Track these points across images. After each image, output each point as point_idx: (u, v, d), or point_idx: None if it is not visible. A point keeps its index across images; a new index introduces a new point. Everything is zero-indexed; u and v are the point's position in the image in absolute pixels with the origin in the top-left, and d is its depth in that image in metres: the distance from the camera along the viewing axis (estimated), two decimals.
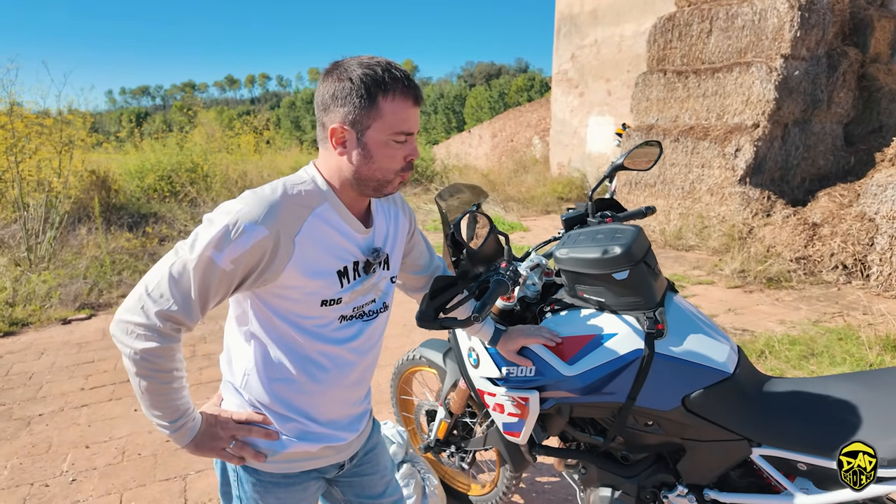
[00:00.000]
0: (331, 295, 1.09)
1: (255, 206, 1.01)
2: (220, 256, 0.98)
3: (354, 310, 1.15)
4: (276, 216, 1.01)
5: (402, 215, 1.30)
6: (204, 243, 0.98)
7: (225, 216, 0.99)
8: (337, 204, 1.10)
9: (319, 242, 1.07)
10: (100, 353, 3.81)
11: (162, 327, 0.98)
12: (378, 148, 1.04)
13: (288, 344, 1.11)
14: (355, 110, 1.02)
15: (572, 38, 11.46)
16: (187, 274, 0.98)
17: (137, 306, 0.99)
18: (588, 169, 11.15)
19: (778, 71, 6.12)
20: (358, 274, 1.14)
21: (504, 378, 1.52)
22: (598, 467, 1.59)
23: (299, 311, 1.09)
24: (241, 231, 0.98)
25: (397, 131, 1.04)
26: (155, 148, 8.99)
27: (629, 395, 1.37)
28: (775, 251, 5.61)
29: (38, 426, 2.87)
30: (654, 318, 1.33)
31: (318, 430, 1.17)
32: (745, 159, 6.34)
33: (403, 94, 1.03)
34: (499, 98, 49.85)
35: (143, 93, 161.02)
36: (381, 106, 1.02)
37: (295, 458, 1.17)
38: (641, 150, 1.70)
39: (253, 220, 0.99)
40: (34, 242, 5.61)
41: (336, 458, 1.23)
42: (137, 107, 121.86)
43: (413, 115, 1.05)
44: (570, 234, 1.49)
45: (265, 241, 0.99)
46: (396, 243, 1.26)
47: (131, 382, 1.03)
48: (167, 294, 0.98)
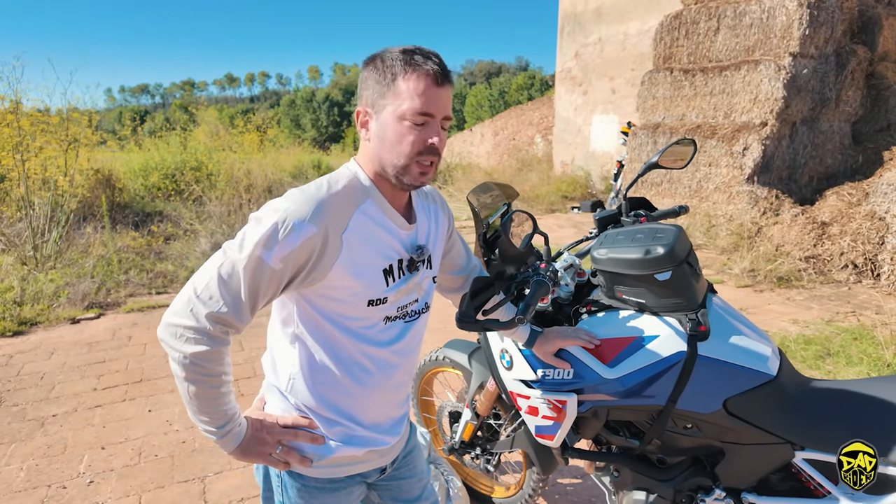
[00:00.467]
0: (377, 294, 1.07)
1: (302, 203, 0.99)
2: (269, 255, 0.96)
3: (398, 310, 1.13)
4: (324, 213, 0.99)
5: (442, 214, 1.28)
6: (253, 242, 0.96)
7: (273, 214, 0.97)
8: (380, 199, 1.08)
9: (366, 239, 1.05)
10: (111, 353, 3.78)
11: (212, 330, 0.96)
12: (394, 129, 1.01)
13: (333, 346, 1.09)
14: (376, 90, 1.02)
15: (576, 36, 11.43)
16: (237, 274, 0.96)
17: (186, 309, 0.97)
18: (592, 167, 11.13)
19: (786, 69, 6.10)
20: (402, 272, 1.12)
21: (539, 380, 1.49)
22: (633, 470, 1.57)
23: (346, 311, 1.07)
24: (290, 229, 0.96)
25: (413, 110, 0.99)
26: (159, 146, 8.95)
27: (670, 397, 1.35)
28: (784, 250, 5.59)
29: (52, 427, 2.85)
30: (697, 319, 1.31)
31: (364, 433, 1.16)
32: (752, 158, 6.32)
33: (424, 72, 1.00)
34: (499, 96, 49.79)
35: (142, 91, 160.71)
36: (398, 84, 1.00)
37: (341, 462, 1.15)
38: (675, 148, 1.68)
39: (301, 217, 0.97)
40: (40, 241, 5.58)
41: (379, 461, 1.22)
42: (137, 105, 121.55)
43: (433, 95, 1.00)
44: (607, 233, 1.46)
45: (314, 238, 0.97)
46: (437, 242, 1.24)
47: (179, 387, 1.00)
48: (217, 295, 0.96)
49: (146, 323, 4.38)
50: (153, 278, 5.41)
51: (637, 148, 7.82)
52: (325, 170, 12.12)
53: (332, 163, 13.27)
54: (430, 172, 1.05)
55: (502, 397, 1.88)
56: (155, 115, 52.11)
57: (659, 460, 1.54)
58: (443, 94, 1.02)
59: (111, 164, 8.23)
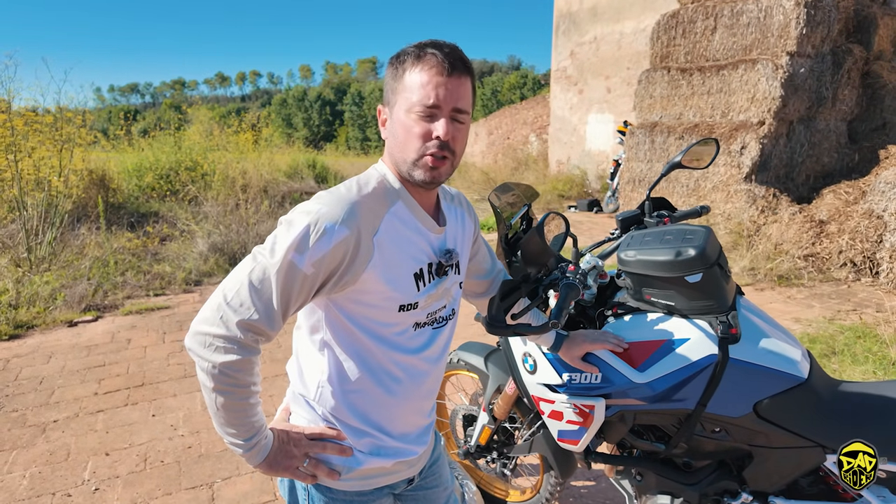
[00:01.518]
0: (408, 299, 1.04)
1: (333, 205, 0.96)
2: (301, 259, 0.93)
3: (428, 316, 1.10)
4: (356, 215, 0.96)
5: (468, 217, 1.25)
6: (285, 247, 0.93)
7: (304, 217, 0.94)
8: (410, 201, 1.06)
9: (397, 242, 1.02)
10: (110, 357, 3.73)
11: (243, 338, 0.93)
12: (401, 123, 0.99)
13: (363, 354, 1.06)
14: (390, 86, 1.01)
15: (571, 35, 11.43)
16: (268, 280, 0.93)
17: (216, 316, 0.93)
18: (588, 166, 11.14)
19: (784, 68, 6.13)
20: (432, 276, 1.09)
21: (565, 385, 1.47)
22: (657, 474, 1.55)
23: (377, 317, 1.04)
24: (322, 232, 0.93)
25: (418, 101, 0.96)
26: (153, 146, 8.85)
27: (700, 401, 1.34)
28: (783, 249, 5.62)
29: (53, 433, 2.79)
30: (728, 322, 1.29)
31: (392, 444, 1.13)
32: (750, 157, 6.35)
33: (432, 63, 0.96)
34: (492, 95, 49.82)
35: (132, 90, 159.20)
36: (406, 77, 0.98)
37: (370, 474, 1.12)
38: (698, 147, 1.66)
39: (333, 220, 0.94)
40: (34, 243, 5.49)
41: (408, 472, 1.18)
42: (127, 104, 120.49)
43: (440, 85, 0.96)
44: (634, 235, 1.44)
45: (346, 241, 0.94)
46: (465, 246, 1.22)
47: (206, 398, 0.97)
48: (248, 302, 0.93)
49: (145, 325, 4.32)
50: (150, 280, 5.35)
51: (634, 147, 7.83)
52: (321, 169, 12.04)
53: (327, 162, 13.19)
54: (440, 167, 1.00)
55: (520, 400, 1.86)
56: (146, 115, 51.63)
57: (685, 464, 1.53)
58: (452, 84, 0.97)
59: (105, 164, 8.12)
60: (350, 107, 64.88)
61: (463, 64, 0.99)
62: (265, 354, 3.71)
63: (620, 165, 8.84)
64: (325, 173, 11.94)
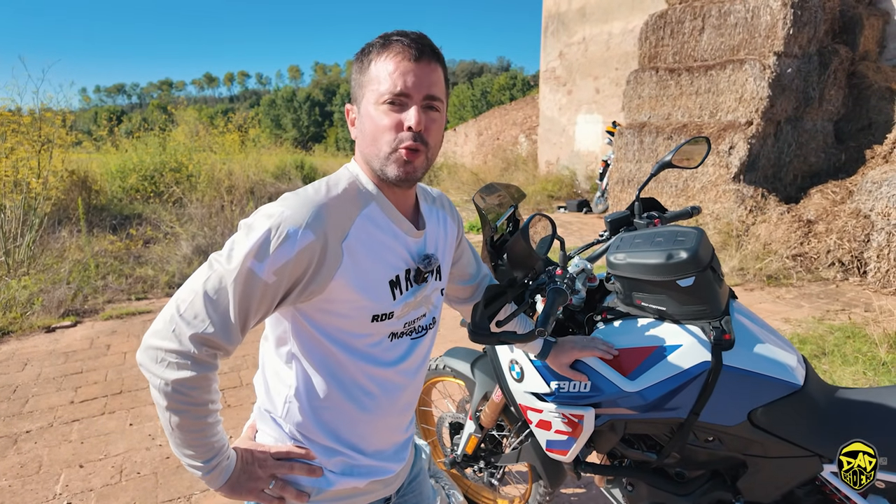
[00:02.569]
0: (382, 309, 0.97)
1: (298, 208, 0.88)
2: (261, 267, 0.85)
3: (405, 326, 1.03)
4: (323, 218, 0.89)
5: (451, 220, 1.18)
6: (243, 253, 0.85)
7: (265, 221, 0.87)
8: (385, 203, 0.98)
9: (369, 248, 0.95)
10: (88, 364, 3.62)
11: (197, 353, 0.85)
12: (369, 118, 0.92)
13: (332, 367, 0.98)
14: (356, 82, 0.95)
15: (560, 35, 11.42)
16: (224, 290, 0.85)
17: (168, 329, 0.85)
18: (577, 167, 11.14)
19: (771, 68, 6.14)
20: (410, 284, 1.01)
21: (553, 393, 1.41)
22: (649, 484, 1.50)
23: (348, 327, 0.96)
24: (285, 237, 0.85)
25: (386, 91, 0.89)
26: (137, 147, 8.70)
27: (692, 410, 1.28)
28: (772, 248, 5.62)
29: (25, 444, 2.69)
30: (721, 327, 1.24)
31: (366, 462, 1.05)
32: (738, 157, 6.35)
33: (398, 49, 0.90)
34: (481, 96, 49.80)
35: (118, 91, 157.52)
36: (372, 68, 0.92)
37: (341, 495, 1.04)
38: (689, 147, 1.61)
39: (297, 224, 0.86)
40: (12, 246, 5.35)
41: (383, 492, 1.11)
42: (113, 105, 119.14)
43: (408, 72, 0.89)
44: (623, 237, 1.39)
45: (312, 247, 0.87)
46: (447, 250, 1.15)
47: (160, 418, 0.89)
48: (202, 314, 0.85)
49: (126, 331, 4.21)
50: (132, 283, 5.23)
51: (623, 147, 7.82)
52: (309, 170, 11.92)
53: (315, 163, 13.07)
54: (415, 160, 0.92)
55: (507, 409, 1.80)
56: (132, 116, 51.06)
57: (677, 474, 1.48)
58: (421, 71, 0.90)
59: (87, 165, 7.97)
60: (339, 107, 64.59)
61: (431, 50, 0.93)
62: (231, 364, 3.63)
63: (609, 166, 8.83)
64: (313, 174, 11.82)
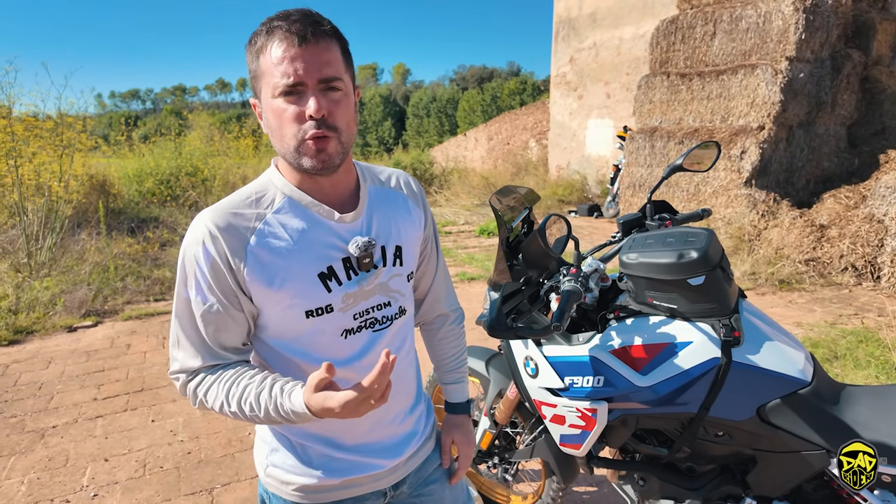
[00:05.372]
0: (315, 303, 0.94)
1: (196, 228, 0.92)
2: (195, 293, 0.93)
3: (357, 318, 0.98)
4: (221, 228, 0.90)
5: (416, 203, 1.11)
6: (179, 288, 0.95)
7: (182, 252, 0.94)
8: (300, 196, 0.96)
9: (284, 245, 0.93)
10: (110, 362, 3.71)
11: (201, 373, 0.96)
12: (272, 111, 0.88)
13: (291, 371, 0.97)
14: (251, 74, 0.91)
15: (570, 41, 11.47)
16: (188, 325, 0.95)
17: (173, 360, 0.98)
18: (588, 171, 11.16)
19: (783, 73, 6.14)
20: (352, 273, 0.97)
21: (567, 388, 1.46)
22: (660, 479, 1.54)
23: (287, 330, 0.95)
24: (195, 258, 0.91)
25: (279, 83, 0.85)
26: (153, 152, 8.86)
27: (703, 405, 1.33)
28: (784, 253, 5.61)
29: (52, 439, 2.78)
30: (731, 324, 1.29)
31: (345, 456, 1.04)
32: (750, 161, 6.35)
33: (280, 36, 0.85)
34: (491, 101, 49.92)
35: (133, 96, 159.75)
36: (261, 60, 0.87)
37: (323, 488, 1.04)
38: (699, 151, 1.66)
39: (198, 242, 0.91)
40: (34, 248, 5.48)
41: (373, 485, 1.08)
42: (128, 110, 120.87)
43: (297, 58, 0.84)
44: (635, 237, 1.44)
45: (216, 258, 0.90)
46: (403, 234, 1.06)
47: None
48: (187, 345, 0.96)
49: (145, 331, 4.31)
50: (150, 285, 5.34)
51: (634, 152, 7.84)
52: None
53: None
54: (326, 147, 0.88)
55: (522, 405, 1.85)
56: (146, 121, 51.78)
57: (688, 469, 1.52)
58: (310, 54, 0.85)
59: (105, 169, 8.13)
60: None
61: (318, 27, 0.87)
62: None
63: (620, 170, 8.84)
64: None
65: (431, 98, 60.37)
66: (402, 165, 12.91)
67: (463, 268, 6.14)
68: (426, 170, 13.06)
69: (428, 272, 1.20)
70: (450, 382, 1.28)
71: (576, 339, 1.48)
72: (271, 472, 1.06)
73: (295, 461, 1.04)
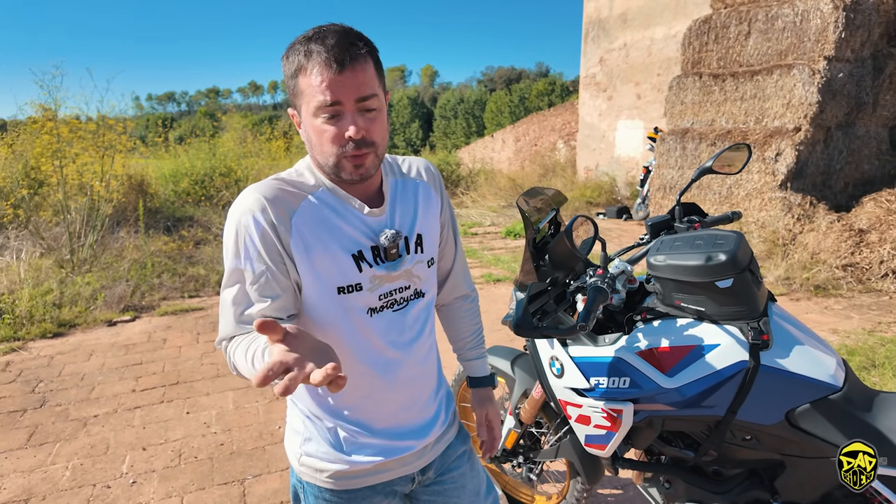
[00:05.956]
0: (347, 280, 1.00)
1: (246, 200, 0.97)
2: (245, 262, 0.96)
3: (381, 299, 1.04)
4: (269, 201, 0.96)
5: (434, 190, 1.17)
6: (230, 259, 0.97)
7: (231, 224, 0.97)
8: (334, 188, 1.02)
9: (321, 223, 1.00)
10: (147, 356, 3.85)
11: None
12: (312, 129, 0.95)
13: None
14: (290, 89, 0.97)
15: (600, 41, 11.37)
16: (241, 292, 0.97)
17: (220, 334, 0.99)
18: (617, 173, 11.03)
19: (821, 73, 5.98)
20: (380, 260, 1.04)
21: (592, 389, 1.47)
22: (686, 482, 1.53)
23: (319, 306, 1.01)
24: (246, 228, 0.95)
25: (319, 105, 0.92)
26: (188, 153, 9.12)
27: (730, 408, 1.32)
28: (820, 258, 5.46)
29: (94, 427, 2.90)
30: (759, 328, 1.28)
31: (376, 441, 1.09)
32: (785, 164, 6.20)
33: (321, 61, 0.90)
34: (519, 102, 49.73)
35: (168, 99, 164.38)
36: (301, 82, 0.93)
37: (353, 474, 1.09)
38: (730, 153, 1.65)
39: (248, 213, 0.95)
40: (77, 245, 5.71)
41: (401, 470, 1.13)
42: (164, 112, 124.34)
43: (334, 83, 0.90)
44: (664, 239, 1.44)
45: (265, 227, 0.95)
46: (426, 221, 1.13)
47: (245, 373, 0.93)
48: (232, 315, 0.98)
49: (180, 326, 4.45)
50: (185, 282, 5.50)
51: (664, 154, 7.73)
52: None
53: None
54: (365, 162, 0.96)
55: (547, 405, 1.86)
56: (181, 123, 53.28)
57: (714, 472, 1.51)
58: (347, 77, 0.91)
59: (143, 169, 8.41)
60: None
61: (355, 50, 0.92)
62: None
63: (651, 172, 8.73)
64: None
65: (459, 99, 60.43)
66: None
67: (489, 269, 6.14)
68: (453, 171, 13.09)
69: (447, 254, 1.26)
70: (473, 358, 1.37)
71: (602, 339, 1.49)
72: (305, 462, 1.10)
73: (328, 448, 1.08)
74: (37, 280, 4.99)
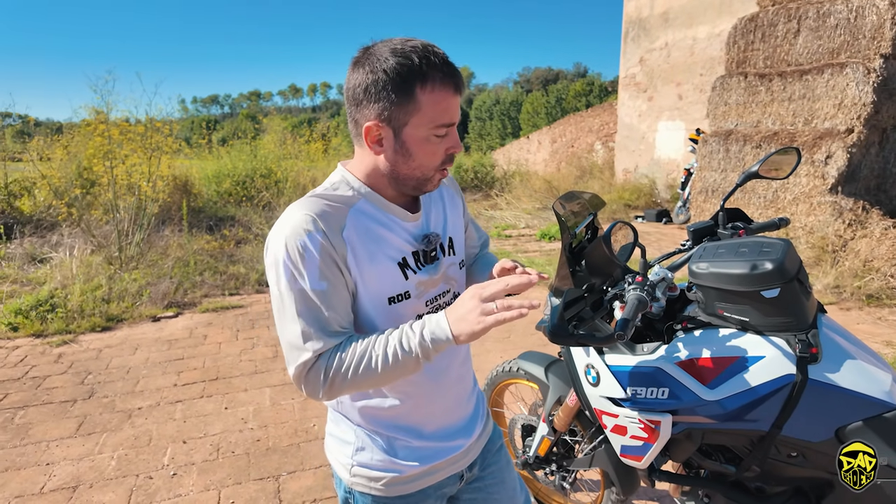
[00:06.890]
0: (396, 289, 1.03)
1: (294, 221, 0.95)
2: (308, 281, 0.93)
3: (428, 304, 1.08)
4: (318, 218, 0.95)
5: (455, 192, 1.25)
6: (286, 282, 0.94)
7: (281, 248, 0.94)
8: (375, 198, 1.04)
9: (367, 235, 1.00)
10: (189, 351, 3.97)
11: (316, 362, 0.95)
12: (417, 145, 0.97)
13: None
14: (391, 106, 0.93)
15: (641, 41, 11.15)
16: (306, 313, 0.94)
17: (291, 361, 0.95)
18: (657, 175, 10.79)
19: (877, 72, 5.70)
20: (420, 265, 1.07)
21: (630, 399, 1.44)
22: (727, 498, 1.48)
23: (371, 316, 1.02)
24: (302, 248, 0.93)
25: (438, 124, 0.95)
26: (231, 154, 9.38)
27: (774, 423, 1.27)
28: (873, 266, 5.20)
29: (138, 419, 3.01)
30: (808, 340, 1.22)
31: (428, 444, 1.12)
32: (836, 167, 5.93)
33: (443, 82, 0.93)
34: (556, 103, 49.21)
35: (212, 101, 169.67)
36: (419, 98, 0.93)
37: (408, 479, 1.11)
38: (778, 157, 1.59)
39: (300, 232, 0.93)
40: (125, 243, 5.95)
41: (451, 469, 1.17)
42: (207, 115, 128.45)
43: (454, 104, 0.96)
44: (707, 246, 1.39)
45: (324, 244, 0.94)
46: (455, 224, 1.19)
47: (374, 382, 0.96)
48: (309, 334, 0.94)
49: (220, 323, 4.58)
50: (226, 280, 5.66)
51: (707, 156, 7.51)
52: None
53: None
54: (444, 176, 1.05)
55: (581, 413, 1.83)
56: (224, 125, 54.89)
57: (757, 489, 1.45)
58: (458, 100, 0.98)
59: (187, 170, 8.69)
60: None
61: (461, 78, 0.98)
62: None
63: (692, 175, 8.50)
64: None
65: (494, 101, 60.24)
66: (463, 168, 12.96)
67: None
68: (487, 173, 13.05)
69: (470, 238, 1.35)
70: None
71: (640, 348, 1.45)
72: (358, 472, 1.11)
73: (383, 455, 1.10)
74: (87, 276, 5.22)
